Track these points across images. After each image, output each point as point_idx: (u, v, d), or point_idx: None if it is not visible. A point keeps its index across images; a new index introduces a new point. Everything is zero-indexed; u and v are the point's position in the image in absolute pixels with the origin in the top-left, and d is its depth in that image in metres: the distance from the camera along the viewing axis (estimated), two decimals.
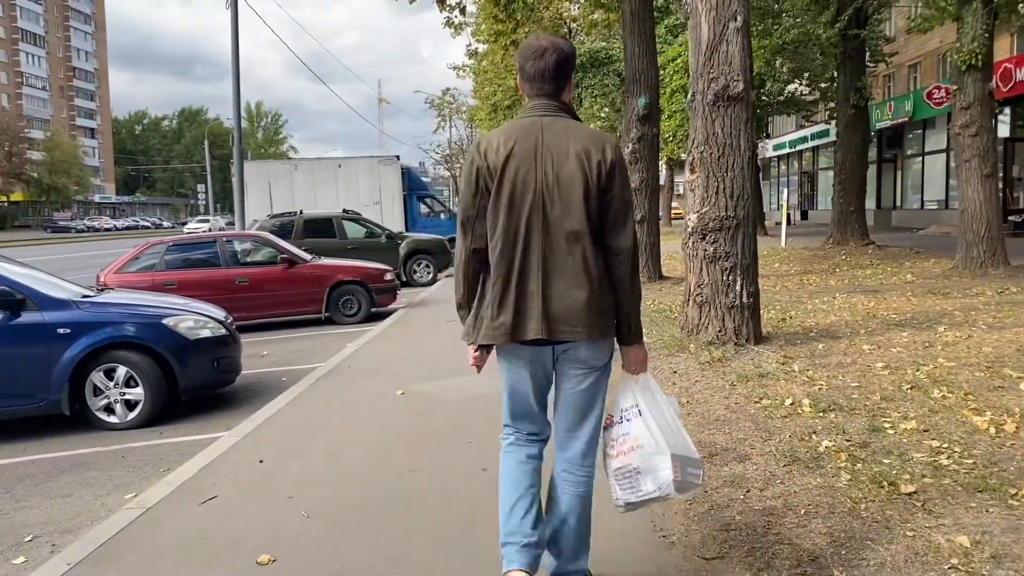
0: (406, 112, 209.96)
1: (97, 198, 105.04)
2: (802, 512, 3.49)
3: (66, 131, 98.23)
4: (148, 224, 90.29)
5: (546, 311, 2.55)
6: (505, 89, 31.73)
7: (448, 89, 59.43)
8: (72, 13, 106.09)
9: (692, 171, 7.25)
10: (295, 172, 21.50)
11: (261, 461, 4.81)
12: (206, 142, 18.90)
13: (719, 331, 7.04)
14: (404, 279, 16.83)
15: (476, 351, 2.79)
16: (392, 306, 12.46)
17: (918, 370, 5.83)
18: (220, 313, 7.05)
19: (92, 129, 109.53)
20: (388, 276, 12.09)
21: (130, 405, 6.26)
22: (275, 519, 3.87)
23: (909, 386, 5.39)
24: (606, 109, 40.08)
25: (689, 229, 7.21)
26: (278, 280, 11.38)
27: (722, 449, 4.41)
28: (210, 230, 45.94)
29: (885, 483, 3.68)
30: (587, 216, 2.54)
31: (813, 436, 4.46)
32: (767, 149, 41.74)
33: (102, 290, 7.35)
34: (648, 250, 13.29)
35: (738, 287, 7.03)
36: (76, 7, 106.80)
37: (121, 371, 6.20)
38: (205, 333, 6.58)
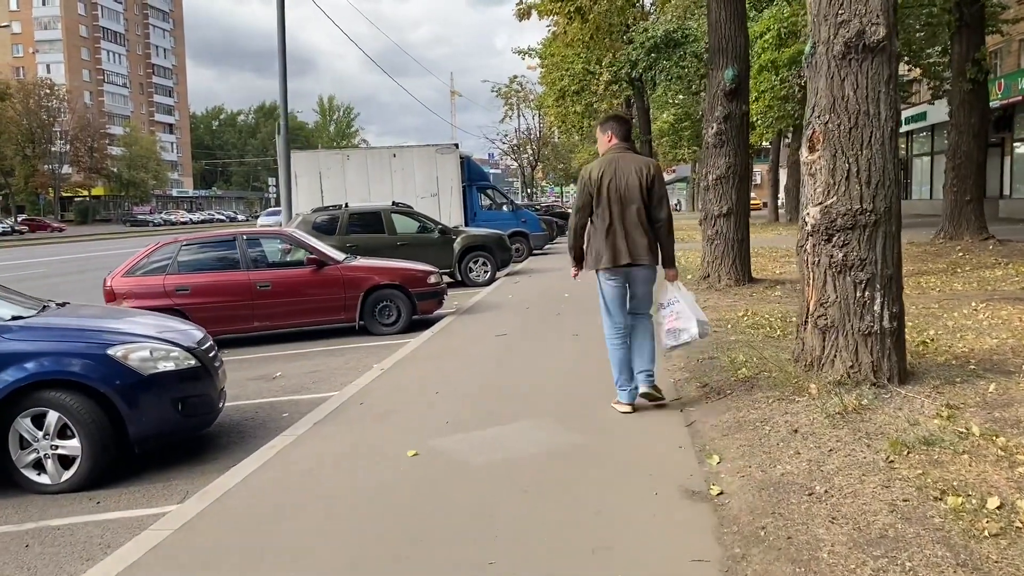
0: (478, 104, 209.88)
1: (175, 192, 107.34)
2: None
3: (145, 127, 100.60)
4: (223, 217, 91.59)
5: (630, 250, 5.18)
6: (572, 74, 29.94)
7: (515, 77, 57.64)
8: (151, 11, 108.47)
9: (812, 149, 5.38)
10: (347, 162, 20.13)
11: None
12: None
13: (850, 367, 5.16)
14: (459, 278, 15.28)
15: (578, 270, 5.53)
16: (439, 312, 10.88)
17: None
18: (194, 336, 5.53)
19: (170, 125, 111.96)
20: (432, 279, 10.50)
21: (65, 461, 4.79)
22: None
23: None
24: (680, 96, 37.96)
25: (808, 227, 5.34)
26: (305, 284, 9.91)
27: None
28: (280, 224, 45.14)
29: None
30: (643, 202, 5.19)
31: None
32: None
33: (61, 305, 5.90)
34: (735, 248, 11.34)
35: (877, 307, 5.14)
36: (155, 5, 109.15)
37: (52, 417, 4.73)
38: (166, 366, 5.07)
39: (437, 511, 3.81)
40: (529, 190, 78.02)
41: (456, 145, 20.36)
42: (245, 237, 10.04)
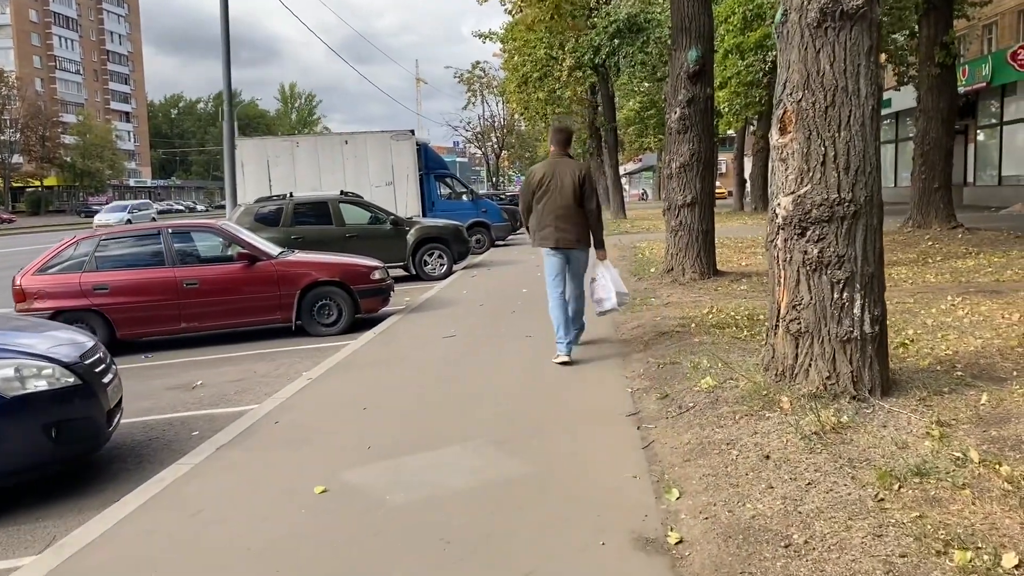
0: (443, 92, 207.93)
1: (132, 182, 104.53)
2: None
3: (101, 115, 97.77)
4: (182, 208, 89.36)
5: (565, 236, 6.44)
6: (535, 60, 29.18)
7: (478, 63, 56.69)
8: None
9: (783, 131, 4.75)
10: (296, 150, 19.20)
11: None
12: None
13: (827, 377, 4.56)
14: (413, 272, 14.55)
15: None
16: (385, 310, 10.15)
17: None
18: (78, 347, 4.76)
19: (127, 113, 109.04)
20: (376, 274, 9.75)
21: None
22: None
23: None
24: (645, 83, 37.40)
25: (779, 220, 4.72)
26: (236, 281, 9.12)
27: None
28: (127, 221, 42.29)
29: None
30: (574, 197, 6.39)
31: None
32: None
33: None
34: (700, 239, 10.75)
35: (857, 309, 4.54)
36: None
37: None
38: (37, 386, 4.30)
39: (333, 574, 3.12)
40: (495, 179, 77.21)
41: (412, 131, 19.52)
42: (170, 231, 9.20)
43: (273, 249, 9.68)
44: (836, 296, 4.54)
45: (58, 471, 4.55)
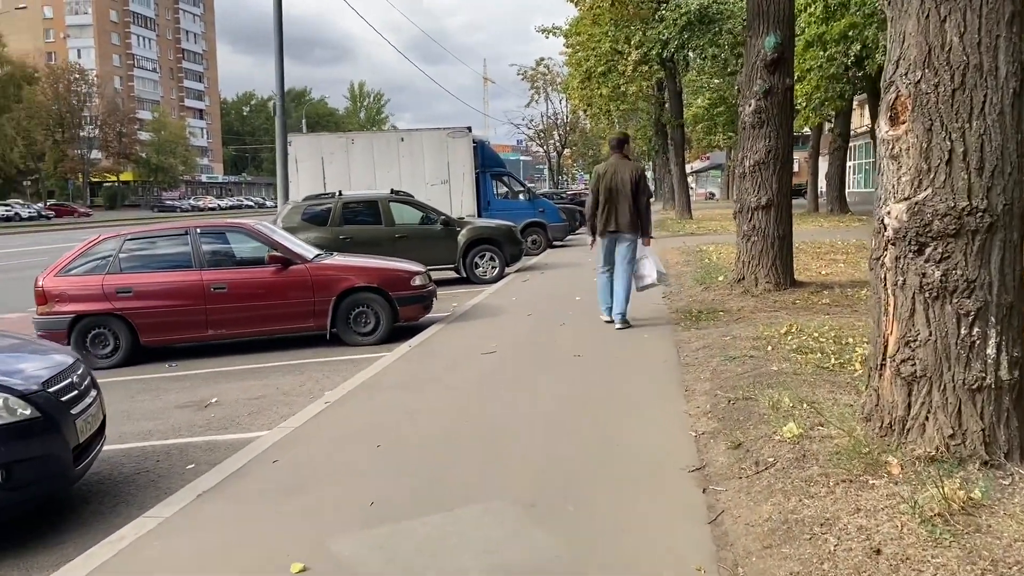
0: (510, 91, 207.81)
1: (204, 178, 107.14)
2: None
3: (175, 112, 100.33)
4: (251, 204, 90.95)
5: (617, 223, 7.95)
6: (599, 54, 28.15)
7: (542, 59, 55.79)
8: None
9: (895, 121, 3.77)
10: (351, 147, 18.63)
11: None
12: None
13: (950, 435, 3.57)
14: (464, 275, 13.80)
15: (593, 242, 8.28)
16: (429, 317, 9.40)
17: None
18: (44, 370, 4.09)
19: (200, 110, 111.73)
20: (417, 280, 9.00)
21: None
22: None
23: None
24: (715, 80, 35.94)
25: (888, 233, 3.74)
26: (267, 286, 8.48)
27: None
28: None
29: None
30: (631, 192, 7.90)
31: None
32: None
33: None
34: (775, 246, 9.66)
35: (991, 349, 3.54)
36: None
37: None
38: None
39: None
40: (558, 177, 76.21)
41: (469, 128, 18.76)
42: (199, 231, 8.61)
43: (308, 251, 9.02)
44: (964, 332, 3.55)
45: (11, 518, 3.88)
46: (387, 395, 5.92)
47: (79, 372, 4.35)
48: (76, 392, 4.19)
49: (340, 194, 13.76)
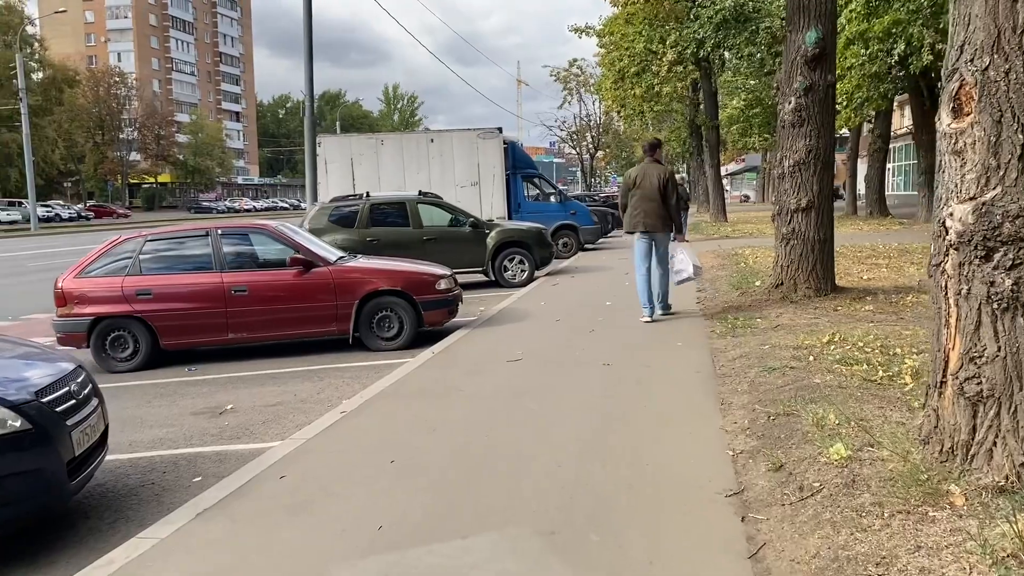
0: (543, 93, 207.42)
1: (240, 179, 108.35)
2: None
3: (212, 115, 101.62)
4: (287, 205, 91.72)
5: (651, 222, 8.40)
6: (633, 54, 27.73)
7: (575, 60, 55.35)
8: (219, 0, 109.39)
9: (958, 112, 3.40)
10: (381, 148, 18.47)
11: None
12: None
13: (1022, 464, 3.20)
14: (492, 278, 13.53)
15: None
16: (455, 321, 9.14)
17: None
18: (39, 378, 3.88)
19: (237, 113, 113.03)
20: (442, 284, 8.73)
21: None
22: None
23: None
24: (751, 80, 35.28)
25: (950, 237, 3.38)
26: (289, 288, 8.27)
27: None
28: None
29: None
30: (660, 193, 8.33)
31: None
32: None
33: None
34: (816, 250, 9.24)
35: None
36: None
37: None
38: None
39: None
40: (590, 179, 75.66)
41: (499, 129, 18.51)
42: (220, 232, 8.43)
43: (331, 254, 8.80)
44: None
45: (3, 535, 3.66)
46: (405, 405, 5.64)
47: (79, 380, 4.14)
48: (74, 402, 3.97)
49: (368, 196, 13.59)
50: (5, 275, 20.11)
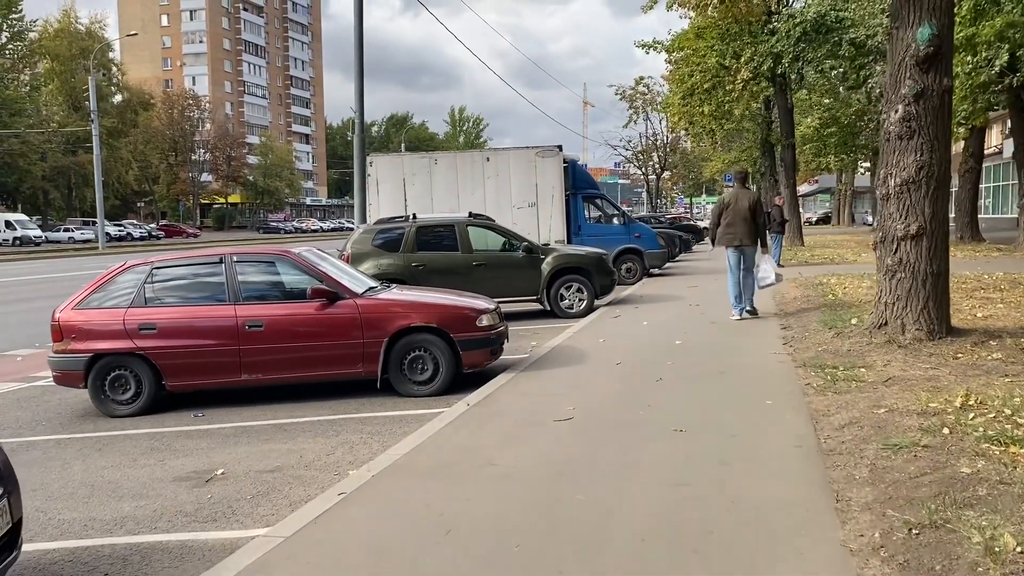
0: (610, 114, 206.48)
1: (308, 200, 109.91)
2: None
3: (282, 137, 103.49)
4: (352, 226, 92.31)
5: (741, 238, 10.36)
6: (704, 69, 26.37)
7: (641, 79, 54.01)
8: (291, 24, 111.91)
9: None
10: (434, 167, 17.50)
11: None
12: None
13: None
14: (548, 307, 12.33)
15: (714, 246, 11.28)
16: (502, 359, 7.98)
17: None
18: None
19: (307, 135, 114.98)
20: (484, 320, 7.57)
21: None
22: None
23: None
24: (826, 99, 33.42)
25: None
26: (310, 323, 7.24)
27: None
28: None
29: None
30: (750, 214, 10.31)
31: None
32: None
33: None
34: (928, 284, 7.79)
35: None
36: (295, 19, 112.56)
37: None
38: None
39: None
40: (656, 200, 73.83)
41: (559, 147, 17.36)
42: (235, 258, 7.46)
43: (360, 284, 7.76)
44: None
45: None
46: (419, 490, 4.44)
47: None
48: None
49: (414, 218, 12.61)
50: (52, 296, 19.80)
